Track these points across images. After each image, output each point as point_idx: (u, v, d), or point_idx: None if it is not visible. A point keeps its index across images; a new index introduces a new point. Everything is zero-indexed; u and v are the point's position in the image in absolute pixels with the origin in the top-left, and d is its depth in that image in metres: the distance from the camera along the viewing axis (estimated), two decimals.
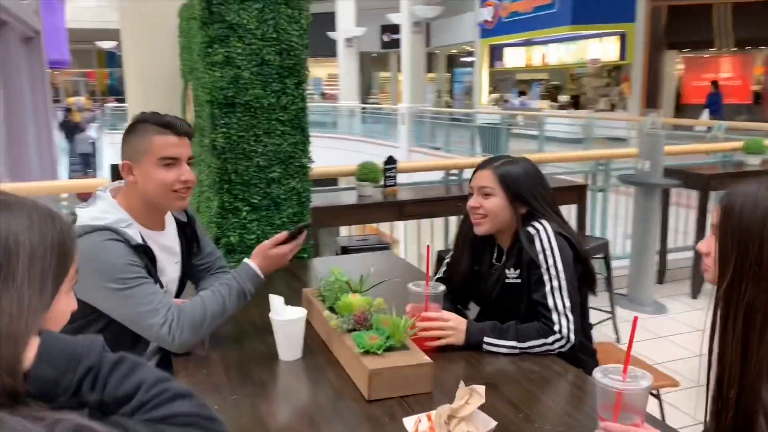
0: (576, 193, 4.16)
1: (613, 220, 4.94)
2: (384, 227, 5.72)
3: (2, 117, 5.58)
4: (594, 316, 3.76)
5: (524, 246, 1.72)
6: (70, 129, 17.85)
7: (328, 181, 4.53)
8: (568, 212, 4.37)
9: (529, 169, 1.82)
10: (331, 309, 1.65)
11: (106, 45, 22.74)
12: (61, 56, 14.92)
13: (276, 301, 1.59)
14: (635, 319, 1.26)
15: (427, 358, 1.42)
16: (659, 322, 4.07)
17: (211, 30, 2.35)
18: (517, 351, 1.62)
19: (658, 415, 2.39)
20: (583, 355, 1.78)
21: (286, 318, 1.57)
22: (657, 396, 2.38)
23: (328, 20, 18.87)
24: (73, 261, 0.84)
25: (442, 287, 1.71)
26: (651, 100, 13.67)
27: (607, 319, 3.79)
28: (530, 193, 1.78)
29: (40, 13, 7.22)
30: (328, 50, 19.45)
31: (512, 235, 1.81)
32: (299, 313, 1.59)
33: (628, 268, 4.47)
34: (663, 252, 4.76)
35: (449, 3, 17.95)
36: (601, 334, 3.80)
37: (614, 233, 4.93)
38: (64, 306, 0.84)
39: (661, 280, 4.77)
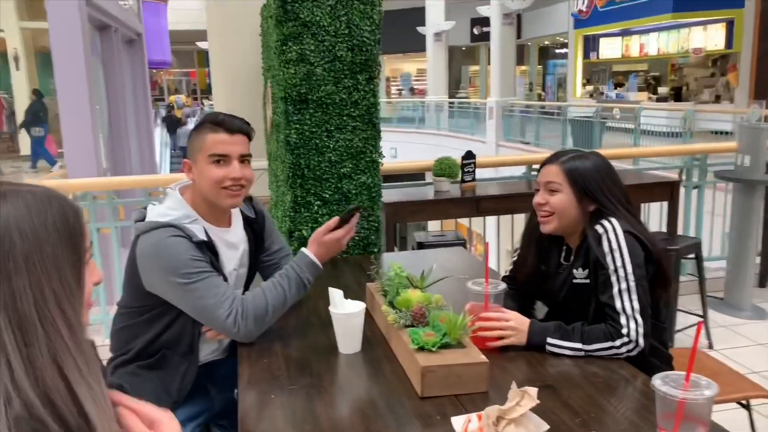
0: (667, 190, 3.94)
1: (710, 218, 4.65)
2: (468, 223, 5.66)
3: (106, 115, 5.96)
4: (685, 320, 3.60)
5: (591, 245, 1.65)
6: (173, 124, 19.11)
7: (416, 176, 4.54)
8: (660, 210, 4.16)
9: (598, 163, 1.73)
10: (392, 304, 1.65)
11: (206, 45, 23.79)
12: (164, 57, 15.80)
13: (335, 294, 1.61)
14: (699, 324, 1.18)
15: (482, 357, 1.39)
16: (759, 329, 3.79)
17: (286, 28, 2.40)
18: (582, 353, 1.56)
19: (747, 427, 2.24)
20: (656, 360, 1.69)
21: (344, 311, 1.58)
22: (747, 407, 2.22)
23: (418, 15, 18.89)
24: (84, 238, 0.84)
25: (502, 285, 1.67)
26: (761, 91, 12.72)
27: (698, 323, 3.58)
28: (599, 189, 1.69)
29: (141, 17, 7.65)
30: (418, 45, 19.46)
31: (581, 233, 1.74)
32: (358, 306, 1.60)
33: (725, 269, 4.21)
34: (766, 254, 4.43)
35: None
36: (691, 338, 3.59)
37: (711, 232, 4.64)
38: (90, 284, 0.86)
39: (763, 283, 4.45)
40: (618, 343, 1.55)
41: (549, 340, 1.58)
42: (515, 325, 1.59)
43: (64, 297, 0.79)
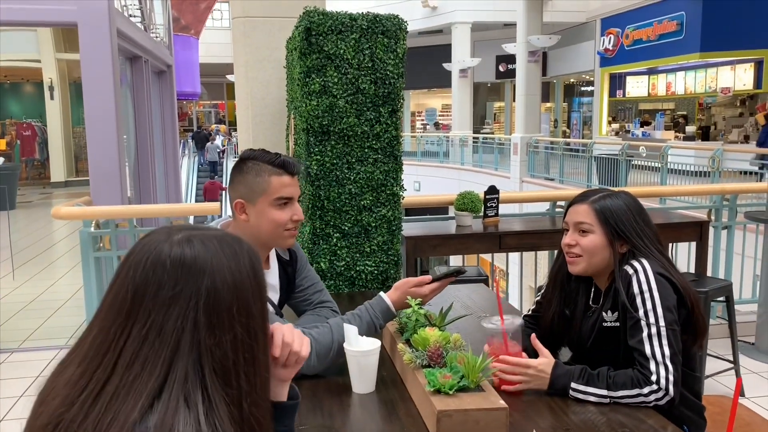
0: (696, 230, 3.84)
1: (740, 260, 4.52)
2: (491, 258, 5.58)
3: (133, 144, 6.04)
4: (715, 366, 3.46)
5: (618, 288, 1.58)
6: (201, 140, 20.75)
7: (439, 210, 4.49)
8: (687, 250, 4.06)
9: (630, 203, 1.67)
10: (408, 342, 1.60)
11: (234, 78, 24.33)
12: (194, 89, 16.12)
13: (350, 330, 1.56)
14: (738, 381, 1.11)
15: (501, 402, 1.32)
16: None
17: (309, 60, 2.40)
18: (607, 400, 1.48)
19: None
20: (687, 410, 1.61)
21: (358, 349, 1.53)
22: None
23: (444, 52, 19.08)
24: (265, 284, 0.85)
25: (519, 321, 1.60)
26: None
27: (729, 369, 3.44)
28: (632, 229, 1.63)
29: (172, 49, 7.81)
30: (444, 81, 19.62)
31: (610, 274, 1.67)
32: (373, 344, 1.54)
33: (756, 313, 4.06)
34: None
35: (567, 32, 17.58)
36: (722, 386, 3.46)
37: (741, 274, 4.50)
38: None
39: None
40: (646, 390, 1.47)
41: (573, 384, 1.50)
42: (534, 372, 1.52)
43: (256, 345, 0.79)
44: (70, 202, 3.91)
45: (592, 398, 1.49)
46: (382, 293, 1.71)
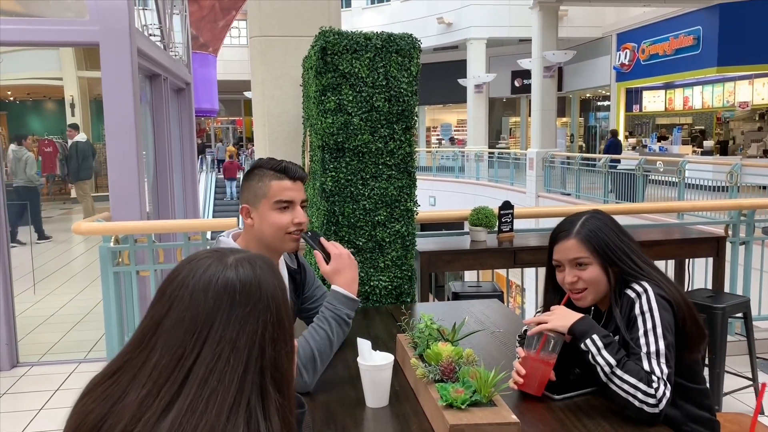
0: (713, 246, 3.82)
1: (758, 275, 4.47)
2: (506, 273, 5.58)
3: (152, 160, 6.13)
4: (733, 383, 3.43)
5: (615, 313, 1.60)
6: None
7: (455, 225, 4.51)
8: (705, 266, 4.03)
9: (608, 221, 1.70)
10: (421, 357, 1.61)
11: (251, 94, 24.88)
12: (212, 105, 16.32)
13: (364, 345, 1.58)
14: (763, 386, 1.11)
15: (513, 418, 1.34)
16: None
17: (325, 79, 2.44)
18: (608, 370, 1.48)
19: None
20: (698, 426, 1.60)
21: (371, 363, 1.55)
22: None
23: (460, 68, 19.18)
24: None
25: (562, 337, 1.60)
26: None
27: (748, 386, 3.40)
28: (619, 249, 1.65)
29: (191, 67, 7.94)
30: (459, 97, 19.70)
31: (610, 296, 1.68)
32: (386, 359, 1.56)
33: None
34: None
35: (583, 47, 17.59)
36: (741, 403, 3.42)
37: (759, 290, 4.45)
38: None
39: None
40: (645, 389, 1.45)
41: (594, 337, 1.51)
42: (560, 312, 1.57)
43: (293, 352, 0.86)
44: (91, 218, 3.98)
45: (599, 360, 1.49)
46: (334, 286, 1.74)
